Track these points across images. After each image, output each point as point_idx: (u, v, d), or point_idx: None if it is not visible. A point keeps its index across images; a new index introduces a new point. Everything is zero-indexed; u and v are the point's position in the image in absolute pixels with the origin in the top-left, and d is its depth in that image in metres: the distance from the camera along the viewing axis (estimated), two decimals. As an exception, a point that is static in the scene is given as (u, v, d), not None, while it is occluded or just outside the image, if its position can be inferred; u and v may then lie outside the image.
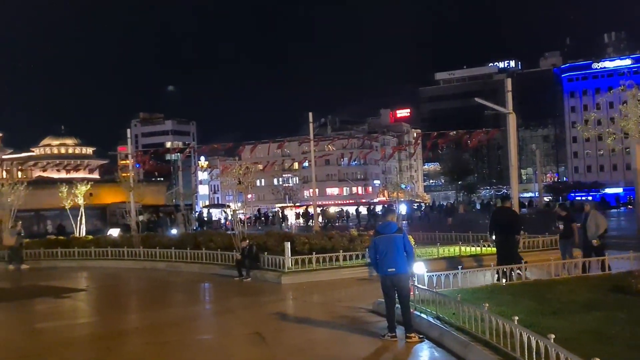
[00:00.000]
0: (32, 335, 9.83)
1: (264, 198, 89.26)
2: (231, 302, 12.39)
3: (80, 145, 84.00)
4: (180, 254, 18.16)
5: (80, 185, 24.74)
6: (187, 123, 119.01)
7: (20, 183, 23.38)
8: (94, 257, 20.39)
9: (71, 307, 12.92)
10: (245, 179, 18.56)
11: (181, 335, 9.28)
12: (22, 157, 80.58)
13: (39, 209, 39.52)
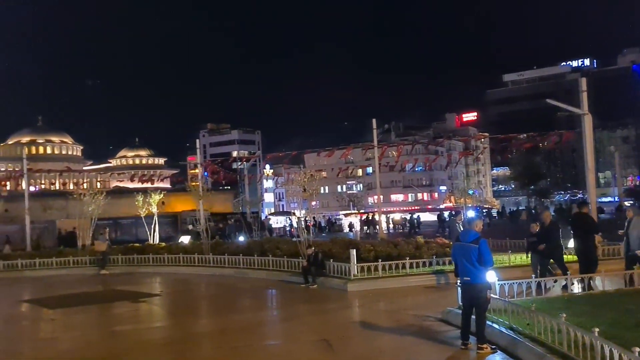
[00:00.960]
0: (111, 337, 10.33)
1: (328, 205, 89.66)
2: (298, 308, 12.51)
3: (153, 156, 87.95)
4: (248, 260, 18.53)
5: (154, 195, 25.79)
6: (252, 132, 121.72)
7: (100, 193, 24.68)
8: (166, 263, 21.20)
9: (147, 311, 13.48)
10: (309, 186, 18.71)
11: (250, 340, 9.45)
12: (101, 168, 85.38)
13: (117, 217, 41.69)
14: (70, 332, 10.67)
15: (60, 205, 40.27)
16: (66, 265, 22.39)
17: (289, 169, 73.29)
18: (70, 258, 22.70)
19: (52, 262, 22.51)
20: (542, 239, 12.07)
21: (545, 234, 12.12)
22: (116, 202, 35.56)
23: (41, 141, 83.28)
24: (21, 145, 77.84)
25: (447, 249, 15.03)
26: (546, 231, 12.19)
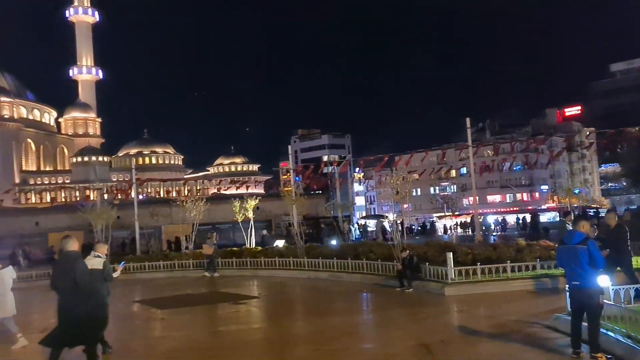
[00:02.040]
0: (215, 336, 10.79)
1: (420, 207, 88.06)
2: (394, 312, 12.35)
3: (247, 163, 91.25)
4: (342, 264, 18.63)
5: (250, 200, 26.68)
6: (342, 136, 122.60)
7: (200, 199, 25.95)
8: (263, 266, 21.85)
9: (247, 313, 13.94)
10: (401, 188, 18.44)
11: (346, 343, 9.46)
12: (200, 176, 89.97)
13: (215, 222, 43.70)
14: (178, 331, 11.27)
15: (165, 212, 42.92)
16: (172, 269, 23.78)
17: (380, 172, 72.98)
18: (176, 261, 24.07)
19: (160, 265, 24.00)
20: (607, 244, 10.75)
21: (611, 239, 10.84)
22: (214, 208, 37.19)
23: (147, 152, 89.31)
24: (129, 156, 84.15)
25: (552, 252, 14.16)
26: (611, 236, 10.98)
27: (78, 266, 7.82)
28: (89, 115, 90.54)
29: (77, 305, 7.62)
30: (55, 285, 7.89)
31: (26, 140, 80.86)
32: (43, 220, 54.04)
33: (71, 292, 7.63)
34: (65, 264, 7.85)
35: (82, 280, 7.70)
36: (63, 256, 8.14)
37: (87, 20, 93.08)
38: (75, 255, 8.06)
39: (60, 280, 7.76)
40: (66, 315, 7.64)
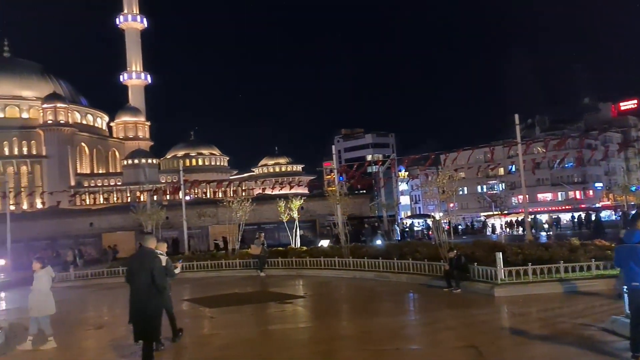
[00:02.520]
0: (263, 335, 10.90)
1: (467, 207, 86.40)
2: (442, 313, 12.15)
3: (291, 164, 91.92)
4: (387, 264, 18.49)
5: (295, 200, 26.83)
6: (386, 135, 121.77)
7: (246, 200, 26.30)
8: (308, 266, 21.93)
9: (293, 312, 14.02)
10: (448, 187, 18.12)
11: (394, 344, 9.37)
12: (245, 177, 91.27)
13: (260, 222, 44.21)
14: (227, 329, 11.46)
15: (211, 213, 43.68)
16: (219, 268, 24.20)
17: (425, 171, 72.13)
18: (223, 261, 24.48)
19: (207, 265, 24.47)
20: None
21: None
22: (259, 208, 37.62)
23: (193, 154, 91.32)
24: (177, 158, 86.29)
25: (609, 252, 13.62)
26: None
27: (155, 262, 8.26)
28: (138, 119, 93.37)
29: (150, 299, 8.01)
30: (131, 279, 8.24)
31: (80, 144, 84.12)
32: (97, 220, 56.07)
33: (146, 287, 7.98)
34: (143, 259, 8.24)
35: (159, 276, 8.11)
36: (141, 252, 8.54)
37: (136, 27, 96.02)
38: (153, 252, 8.54)
39: (137, 275, 8.10)
40: (139, 309, 8.01)
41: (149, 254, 8.41)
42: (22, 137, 78.55)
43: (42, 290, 10.65)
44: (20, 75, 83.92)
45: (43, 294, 10.64)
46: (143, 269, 8.05)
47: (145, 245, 8.56)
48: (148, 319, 7.99)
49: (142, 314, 7.97)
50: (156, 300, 8.14)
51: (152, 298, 8.02)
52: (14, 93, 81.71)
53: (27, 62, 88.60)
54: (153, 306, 8.07)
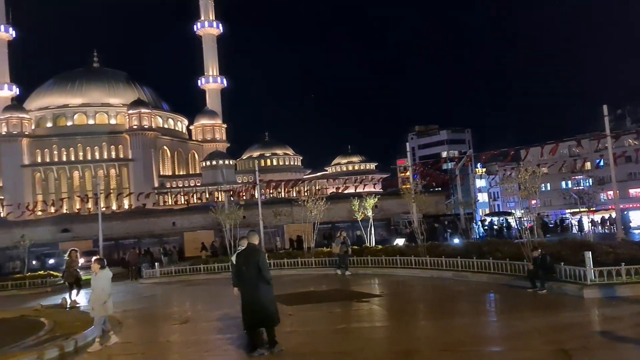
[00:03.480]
0: (340, 333, 10.90)
1: (550, 203, 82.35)
2: (526, 314, 11.62)
3: (364, 162, 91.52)
4: (466, 263, 17.98)
5: (369, 199, 26.70)
6: (461, 131, 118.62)
7: (320, 199, 26.49)
8: (384, 265, 21.73)
9: (370, 311, 13.94)
10: (530, 184, 17.32)
11: (476, 345, 9.07)
12: (318, 176, 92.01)
13: (335, 221, 44.42)
14: (305, 327, 11.58)
15: (287, 212, 44.45)
16: (295, 266, 24.52)
17: (503, 167, 69.48)
18: (299, 259, 24.80)
19: (284, 263, 24.88)
20: None
21: None
22: (333, 207, 37.77)
23: (268, 154, 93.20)
24: (252, 159, 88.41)
25: None
26: None
27: (261, 256, 9.14)
28: (215, 121, 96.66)
29: (259, 289, 8.83)
30: (240, 273, 9.15)
31: (162, 148, 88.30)
32: (179, 220, 58.67)
33: (255, 279, 8.85)
34: (250, 254, 9.11)
35: (265, 269, 8.95)
36: (247, 248, 9.29)
37: (212, 33, 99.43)
38: (258, 248, 9.44)
39: (245, 270, 8.97)
40: (251, 300, 8.86)
41: (255, 249, 9.26)
42: (111, 142, 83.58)
43: (102, 291, 10.70)
44: (108, 84, 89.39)
45: (103, 295, 10.68)
46: (250, 263, 8.90)
47: (250, 241, 9.28)
48: (262, 307, 8.78)
49: (255, 304, 8.79)
50: (265, 289, 8.88)
51: (260, 288, 8.81)
52: (103, 100, 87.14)
53: (114, 71, 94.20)
54: (263, 295, 8.82)
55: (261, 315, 8.80)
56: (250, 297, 8.87)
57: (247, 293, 8.95)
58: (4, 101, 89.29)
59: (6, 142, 79.11)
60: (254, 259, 8.95)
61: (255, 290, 8.82)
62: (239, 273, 9.23)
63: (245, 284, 9.00)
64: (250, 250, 9.21)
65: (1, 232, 51.02)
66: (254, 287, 8.83)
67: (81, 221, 56.65)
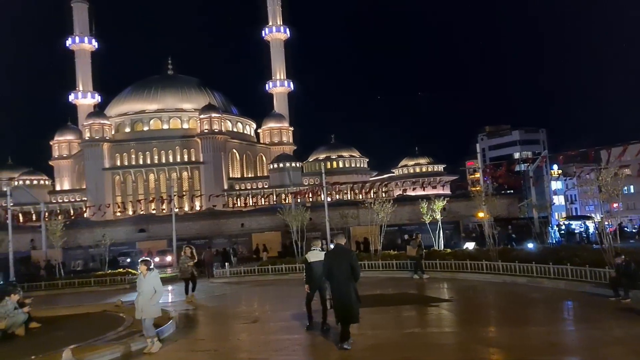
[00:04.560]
0: (408, 337, 10.73)
1: (634, 207, 77.41)
2: (608, 324, 10.93)
3: (432, 164, 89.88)
4: (542, 269, 17.18)
5: (437, 201, 26.15)
6: (535, 131, 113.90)
7: (387, 201, 26.22)
8: (453, 269, 21.19)
9: (438, 316, 13.62)
10: (611, 186, 16.31)
11: (553, 355, 8.63)
12: (384, 178, 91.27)
13: (401, 224, 43.85)
14: (373, 330, 11.46)
15: (353, 214, 44.36)
16: (362, 269, 24.29)
17: (581, 168, 66.07)
18: (365, 262, 24.64)
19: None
20: None
21: None
22: (400, 209, 37.29)
23: (334, 157, 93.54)
24: (319, 161, 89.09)
25: None
26: None
27: (354, 256, 9.86)
28: (282, 125, 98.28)
29: (349, 287, 9.47)
30: (331, 271, 9.71)
31: (232, 151, 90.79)
32: (247, 221, 60.06)
33: (346, 277, 9.48)
34: (340, 254, 9.78)
35: (357, 267, 9.62)
36: (337, 248, 9.98)
37: (280, 38, 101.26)
38: (347, 248, 10.26)
39: (337, 268, 9.59)
40: (341, 297, 9.50)
41: (346, 249, 10.06)
42: (183, 146, 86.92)
43: (150, 293, 10.41)
44: (181, 90, 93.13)
45: (155, 296, 10.45)
46: (342, 262, 9.55)
47: (338, 242, 10.00)
48: (349, 304, 9.43)
49: (344, 301, 9.43)
50: (354, 288, 9.53)
51: (350, 286, 9.47)
52: (177, 106, 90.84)
53: (187, 77, 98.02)
54: (352, 293, 9.46)
55: (347, 311, 9.44)
56: (340, 294, 9.51)
57: (337, 290, 9.56)
58: (87, 108, 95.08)
59: (89, 147, 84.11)
60: (346, 258, 9.63)
61: (346, 288, 9.45)
62: (330, 271, 9.72)
63: (336, 282, 9.59)
64: (341, 249, 9.90)
65: (85, 231, 54.31)
66: (344, 285, 9.45)
67: (156, 222, 59.26)
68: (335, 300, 9.67)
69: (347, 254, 9.85)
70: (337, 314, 9.69)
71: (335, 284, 9.63)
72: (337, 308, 9.64)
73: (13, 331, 11.95)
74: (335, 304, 9.70)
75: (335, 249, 10.06)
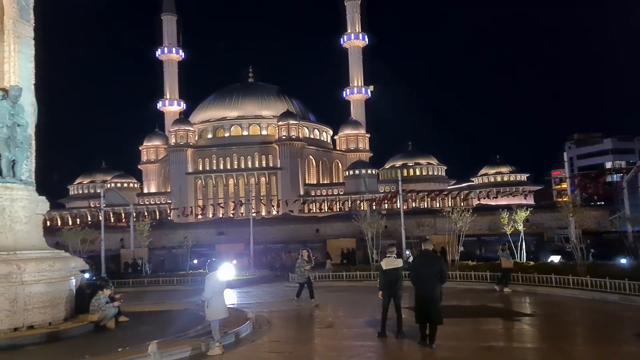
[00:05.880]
0: (488, 351, 10.33)
1: None
2: None
3: (514, 173, 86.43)
4: (635, 286, 15.96)
5: (520, 211, 25.08)
6: (630, 140, 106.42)
7: (466, 210, 25.47)
8: (536, 283, 20.18)
9: (520, 330, 13.02)
10: None
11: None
12: (463, 187, 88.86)
13: (480, 234, 42.43)
14: (448, 341, 11.12)
15: (429, 222, 43.48)
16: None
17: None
18: (443, 271, 24.02)
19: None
20: None
21: None
22: (479, 219, 36.12)
23: (411, 164, 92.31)
24: (395, 168, 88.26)
25: None
26: None
27: (442, 262, 10.72)
28: (359, 131, 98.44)
29: (435, 290, 10.16)
30: (420, 275, 10.36)
31: (308, 157, 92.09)
32: (322, 227, 60.54)
33: (433, 280, 10.15)
34: (429, 258, 10.53)
35: (445, 272, 10.36)
36: (426, 253, 10.70)
37: (359, 45, 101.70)
38: (435, 253, 11.19)
39: (426, 272, 10.26)
40: (427, 298, 10.14)
41: (435, 255, 10.99)
42: (261, 152, 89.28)
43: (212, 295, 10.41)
44: (260, 97, 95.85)
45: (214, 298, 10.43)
46: (432, 266, 10.24)
47: (426, 247, 10.73)
48: (435, 306, 10.09)
49: (430, 302, 10.07)
50: (439, 291, 10.25)
51: (437, 289, 10.20)
52: (256, 113, 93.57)
53: (266, 85, 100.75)
54: (437, 296, 10.16)
55: (433, 313, 10.08)
56: (426, 296, 10.14)
57: (424, 292, 10.19)
58: (174, 115, 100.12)
59: (174, 152, 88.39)
60: (436, 263, 10.39)
61: (433, 291, 10.12)
62: (419, 273, 10.36)
63: (423, 284, 10.21)
64: (430, 255, 10.71)
65: (169, 232, 57.04)
66: (432, 288, 10.13)
67: (234, 225, 61.13)
68: (422, 301, 10.19)
69: (436, 258, 10.80)
70: (423, 315, 10.22)
71: (424, 286, 10.20)
72: (425, 309, 10.17)
73: (105, 324, 12.71)
74: (422, 305, 10.21)
75: (424, 254, 10.72)
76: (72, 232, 32.69)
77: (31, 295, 11.68)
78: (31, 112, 13.47)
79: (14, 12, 13.29)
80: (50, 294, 12.13)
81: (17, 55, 13.24)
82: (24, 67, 13.41)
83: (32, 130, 13.56)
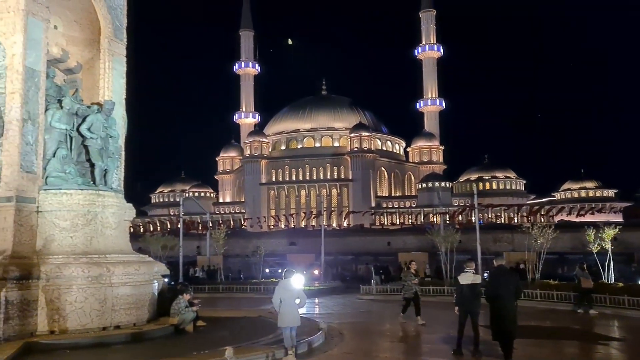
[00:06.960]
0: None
1: None
2: None
3: (601, 188, 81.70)
4: None
5: (608, 229, 23.62)
6: None
7: (548, 227, 24.29)
8: (626, 305, 18.87)
9: (606, 355, 12.23)
10: None
11: None
12: (544, 202, 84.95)
13: (562, 252, 40.25)
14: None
15: (507, 238, 41.95)
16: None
17: None
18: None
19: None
20: None
21: None
22: (561, 236, 34.31)
23: (487, 177, 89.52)
24: (470, 182, 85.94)
25: None
26: None
27: (517, 278, 10.91)
28: (432, 143, 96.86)
29: (512, 306, 10.26)
30: (497, 291, 10.36)
31: (380, 169, 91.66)
32: (394, 240, 59.77)
33: (510, 296, 10.25)
34: (505, 275, 10.69)
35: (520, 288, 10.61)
36: (500, 269, 10.85)
37: (433, 56, 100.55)
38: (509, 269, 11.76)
39: (504, 288, 10.32)
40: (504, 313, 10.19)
41: (510, 271, 11.50)
42: (333, 163, 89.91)
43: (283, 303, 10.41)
44: (333, 109, 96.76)
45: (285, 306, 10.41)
46: (509, 282, 10.38)
47: (499, 263, 10.94)
48: (512, 321, 10.20)
49: (506, 317, 10.15)
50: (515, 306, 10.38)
51: (512, 304, 10.32)
52: (328, 125, 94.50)
53: (339, 97, 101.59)
54: (513, 311, 10.28)
55: (510, 327, 10.15)
56: (502, 311, 10.19)
57: (501, 307, 10.21)
58: (249, 127, 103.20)
59: (249, 163, 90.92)
60: (513, 279, 10.61)
61: (509, 306, 10.22)
62: (496, 289, 10.37)
63: (500, 299, 10.23)
64: (507, 270, 11.10)
65: (242, 241, 58.53)
66: (508, 303, 10.22)
67: (306, 236, 61.73)
68: (500, 317, 10.20)
69: (513, 274, 11.15)
70: (501, 330, 10.23)
71: (499, 302, 10.23)
72: (502, 324, 10.19)
73: (184, 327, 13.20)
74: (499, 320, 10.23)
75: (500, 269, 10.85)
76: (154, 238, 34.32)
77: (118, 297, 12.34)
78: (122, 125, 14.36)
79: (110, 32, 14.26)
80: (135, 296, 12.76)
81: (111, 72, 14.19)
82: (116, 83, 14.34)
83: (122, 142, 14.44)
